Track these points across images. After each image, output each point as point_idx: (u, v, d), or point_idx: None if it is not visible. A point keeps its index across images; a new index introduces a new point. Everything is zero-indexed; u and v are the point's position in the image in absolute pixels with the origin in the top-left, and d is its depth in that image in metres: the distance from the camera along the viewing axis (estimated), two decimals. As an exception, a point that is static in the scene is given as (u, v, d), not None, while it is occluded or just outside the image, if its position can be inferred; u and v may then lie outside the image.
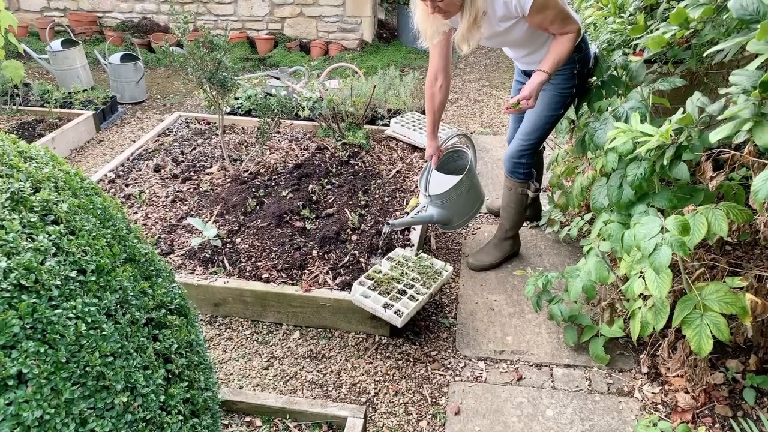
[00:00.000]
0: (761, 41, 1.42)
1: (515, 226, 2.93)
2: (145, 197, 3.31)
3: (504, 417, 2.14)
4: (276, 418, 2.02)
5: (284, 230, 2.94)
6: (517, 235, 3.00)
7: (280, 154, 3.84)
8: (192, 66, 3.19)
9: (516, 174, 2.76)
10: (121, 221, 1.29)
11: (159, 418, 1.11)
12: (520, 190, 2.79)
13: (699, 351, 1.72)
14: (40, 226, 1.02)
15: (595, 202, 2.12)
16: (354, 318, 2.48)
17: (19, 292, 0.92)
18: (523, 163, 2.71)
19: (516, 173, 2.75)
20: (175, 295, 1.34)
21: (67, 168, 1.24)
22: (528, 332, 2.54)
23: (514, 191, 2.81)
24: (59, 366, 0.93)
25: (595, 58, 2.53)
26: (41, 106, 4.61)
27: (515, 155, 2.71)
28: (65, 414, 0.92)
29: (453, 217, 2.79)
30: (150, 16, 6.90)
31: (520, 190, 2.79)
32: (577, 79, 2.49)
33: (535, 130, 2.63)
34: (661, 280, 1.74)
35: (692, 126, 1.73)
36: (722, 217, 1.66)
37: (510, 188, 2.82)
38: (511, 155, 2.73)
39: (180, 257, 2.78)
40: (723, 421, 2.07)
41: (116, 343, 1.04)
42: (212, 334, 2.53)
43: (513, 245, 2.99)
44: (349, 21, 6.67)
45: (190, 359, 1.30)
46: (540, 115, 2.59)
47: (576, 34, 2.28)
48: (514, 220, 2.90)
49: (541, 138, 2.66)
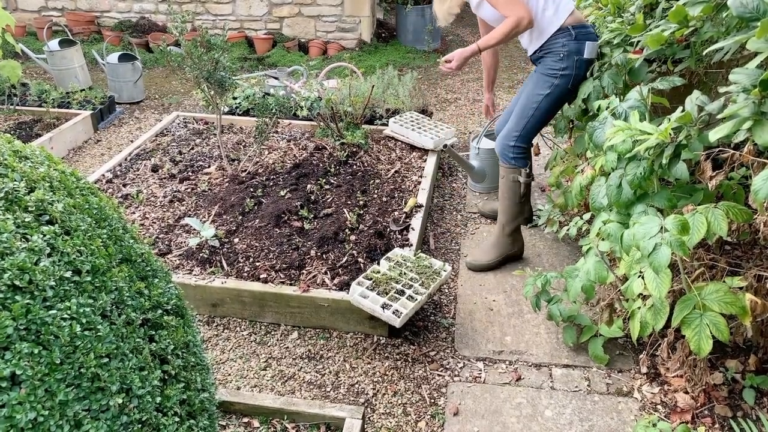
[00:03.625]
0: (761, 39, 1.41)
1: (512, 219, 2.90)
2: (142, 197, 3.29)
3: (503, 417, 2.13)
4: (274, 419, 2.01)
5: (282, 230, 2.93)
6: (518, 234, 2.97)
7: (279, 153, 3.83)
8: (190, 66, 3.18)
9: (506, 157, 2.79)
10: (117, 221, 1.28)
11: (155, 419, 1.10)
12: (512, 176, 2.80)
13: (698, 351, 1.72)
14: (35, 226, 1.01)
15: (594, 202, 2.11)
16: (352, 318, 2.47)
17: (12, 293, 0.91)
18: (512, 146, 2.75)
19: (506, 156, 2.78)
20: (172, 295, 1.33)
21: (62, 168, 1.23)
22: (527, 332, 2.53)
23: (506, 178, 2.83)
24: (53, 367, 0.92)
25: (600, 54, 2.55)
26: (39, 105, 4.60)
27: (505, 137, 2.77)
28: (59, 416, 0.91)
29: (487, 176, 3.51)
30: (148, 15, 6.88)
31: (512, 177, 2.80)
32: (566, 62, 2.53)
33: (524, 110, 2.68)
34: (661, 279, 1.74)
35: (691, 125, 1.73)
36: (722, 217, 1.65)
37: (503, 175, 2.85)
38: (502, 137, 2.79)
39: (178, 257, 2.77)
40: (723, 422, 2.06)
41: (111, 344, 1.03)
42: (210, 334, 2.52)
43: (513, 244, 2.96)
44: (347, 21, 6.66)
45: (186, 360, 1.29)
46: (529, 95, 2.66)
47: (515, 20, 2.42)
48: (509, 212, 2.88)
49: (532, 121, 2.69)
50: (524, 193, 2.86)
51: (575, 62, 2.54)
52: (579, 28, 2.53)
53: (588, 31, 2.56)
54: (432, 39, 6.86)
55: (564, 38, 2.53)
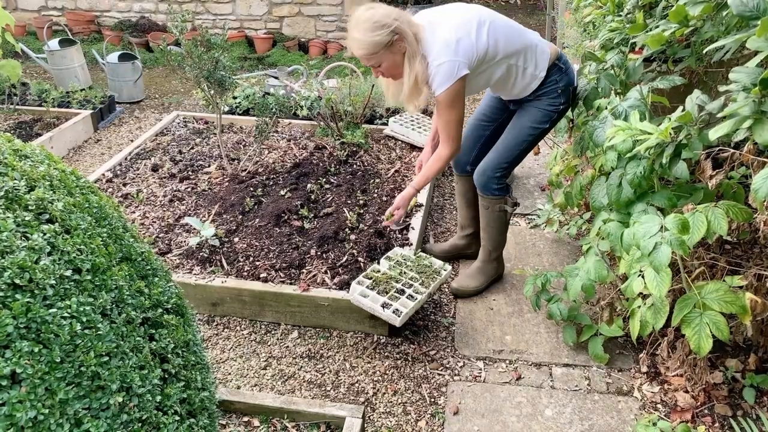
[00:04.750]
0: (761, 38, 1.41)
1: (499, 247, 2.74)
2: (142, 196, 3.29)
3: (503, 417, 2.13)
4: (274, 418, 2.01)
5: (282, 229, 2.93)
6: (501, 258, 2.82)
7: (279, 153, 3.83)
8: (190, 65, 3.18)
9: (489, 190, 2.56)
10: (117, 220, 1.28)
11: (155, 418, 1.10)
12: (498, 207, 2.60)
13: (698, 350, 1.72)
14: (35, 224, 1.01)
15: (595, 201, 2.11)
16: (352, 317, 2.47)
17: (13, 291, 0.91)
18: (497, 178, 2.53)
19: (490, 189, 2.55)
20: (172, 294, 1.33)
21: (62, 166, 1.23)
22: (527, 332, 2.53)
23: (491, 209, 2.61)
24: (54, 366, 0.92)
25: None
26: (39, 105, 4.60)
27: (491, 170, 2.53)
28: (60, 414, 0.91)
29: None
30: (148, 15, 6.88)
31: (498, 207, 2.60)
32: (563, 97, 2.42)
33: (518, 144, 2.48)
34: (661, 278, 1.74)
35: (691, 124, 1.73)
36: (722, 216, 1.65)
37: (486, 207, 2.62)
38: (486, 170, 2.54)
39: (178, 257, 2.77)
40: (723, 421, 2.06)
41: (111, 343, 1.03)
42: (210, 333, 2.52)
43: (497, 268, 2.80)
44: (347, 20, 6.66)
45: (186, 359, 1.29)
46: (522, 128, 2.47)
47: (449, 154, 2.37)
48: (496, 241, 2.71)
49: (522, 153, 2.52)
50: (509, 220, 2.69)
51: (571, 92, 2.45)
52: (561, 59, 2.41)
53: (565, 55, 2.46)
54: (432, 38, 6.86)
55: (555, 74, 2.39)
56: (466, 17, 2.24)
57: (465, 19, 2.22)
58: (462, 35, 2.18)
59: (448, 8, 2.32)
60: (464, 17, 2.24)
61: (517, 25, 2.38)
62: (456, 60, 2.16)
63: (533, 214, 3.40)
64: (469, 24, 2.21)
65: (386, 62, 2.21)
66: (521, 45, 2.32)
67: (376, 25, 2.12)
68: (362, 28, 2.14)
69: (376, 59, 2.19)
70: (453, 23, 2.21)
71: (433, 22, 2.24)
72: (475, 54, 2.21)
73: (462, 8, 2.30)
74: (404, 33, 2.16)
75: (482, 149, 2.65)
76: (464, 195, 2.81)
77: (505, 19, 2.35)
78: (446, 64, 2.16)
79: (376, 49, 2.15)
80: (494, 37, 2.24)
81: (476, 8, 2.31)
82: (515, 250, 3.09)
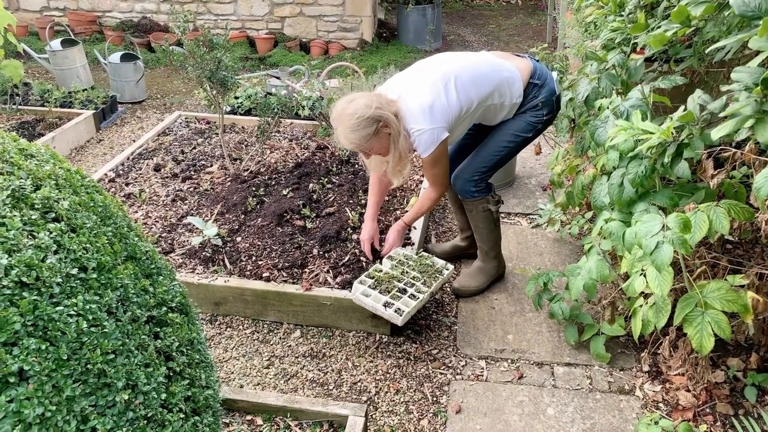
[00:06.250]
0: (763, 38, 1.42)
1: (495, 246, 2.74)
2: (145, 196, 3.30)
3: (505, 416, 2.14)
4: (277, 416, 2.02)
5: (285, 229, 2.93)
6: (501, 256, 2.81)
7: (281, 153, 3.84)
8: (192, 65, 3.18)
9: (469, 193, 2.56)
10: (122, 219, 1.29)
11: (160, 415, 1.11)
12: (481, 207, 2.59)
13: (700, 349, 1.72)
14: (41, 223, 1.02)
15: (596, 201, 2.11)
16: (354, 317, 2.48)
17: (20, 290, 0.92)
18: (475, 181, 2.54)
19: (468, 192, 2.56)
20: (176, 293, 1.34)
21: (67, 166, 1.24)
22: (529, 331, 2.54)
23: (475, 211, 2.61)
24: (60, 363, 0.93)
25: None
26: (41, 105, 4.61)
27: (468, 173, 2.54)
28: (66, 411, 0.92)
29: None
30: (150, 15, 6.89)
31: (481, 208, 2.59)
32: (546, 108, 2.44)
33: (497, 150, 2.51)
34: (663, 278, 1.74)
35: (693, 123, 1.73)
36: (723, 215, 1.66)
37: (470, 210, 2.62)
38: (463, 174, 2.56)
39: (180, 256, 2.77)
40: (724, 420, 2.07)
41: (117, 341, 1.04)
42: (213, 333, 2.53)
43: (498, 267, 2.80)
44: (348, 20, 6.67)
45: (191, 357, 1.30)
46: (505, 134, 2.49)
47: (438, 195, 2.53)
48: (490, 240, 2.70)
49: (502, 160, 2.54)
50: (497, 217, 2.67)
51: (554, 101, 2.47)
52: (535, 75, 2.43)
53: (539, 67, 2.46)
54: (433, 39, 6.88)
55: (533, 92, 2.42)
56: (432, 78, 2.30)
57: (431, 81, 2.30)
58: (434, 98, 2.26)
59: (412, 74, 2.41)
60: (429, 79, 2.31)
61: (484, 66, 2.39)
62: (434, 127, 2.24)
63: (535, 214, 3.41)
64: (436, 86, 2.28)
65: (375, 147, 2.29)
66: (493, 86, 2.36)
67: (360, 120, 2.18)
68: (347, 125, 2.20)
69: (366, 148, 2.28)
70: (422, 89, 2.29)
71: (403, 95, 2.32)
72: (451, 114, 2.29)
73: (423, 70, 2.39)
74: (386, 118, 2.22)
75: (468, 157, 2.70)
76: (456, 200, 2.84)
77: (471, 66, 2.38)
78: (427, 132, 2.24)
79: (365, 141, 2.23)
80: (464, 91, 2.30)
81: (437, 66, 2.37)
82: (517, 250, 3.10)
